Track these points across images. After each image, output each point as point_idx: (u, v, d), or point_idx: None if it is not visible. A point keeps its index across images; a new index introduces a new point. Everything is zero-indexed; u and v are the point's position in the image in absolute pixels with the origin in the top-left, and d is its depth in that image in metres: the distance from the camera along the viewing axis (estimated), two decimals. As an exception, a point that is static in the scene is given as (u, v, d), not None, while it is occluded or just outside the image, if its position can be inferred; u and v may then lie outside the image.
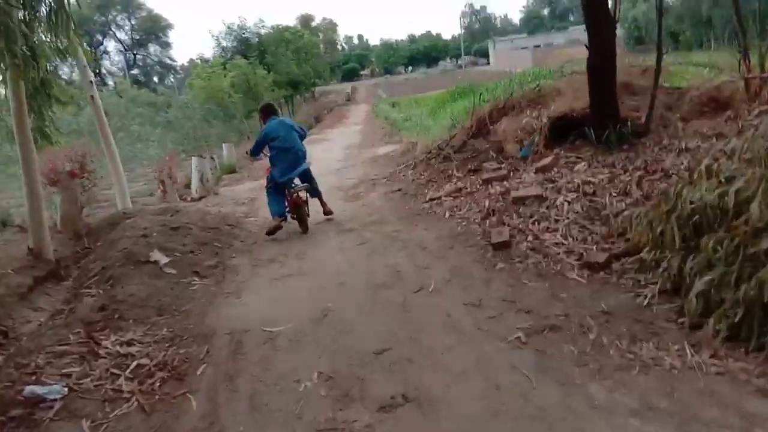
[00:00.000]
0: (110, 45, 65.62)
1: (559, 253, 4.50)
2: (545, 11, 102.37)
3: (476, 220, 5.74)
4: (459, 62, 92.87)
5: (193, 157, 12.81)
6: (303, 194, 6.67)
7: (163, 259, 5.44)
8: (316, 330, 3.94)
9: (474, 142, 8.37)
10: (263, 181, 12.77)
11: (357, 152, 15.31)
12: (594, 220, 4.86)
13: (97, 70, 62.63)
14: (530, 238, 4.89)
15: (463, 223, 5.79)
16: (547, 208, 5.36)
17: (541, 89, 8.46)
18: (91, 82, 9.16)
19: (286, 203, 6.65)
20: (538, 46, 64.68)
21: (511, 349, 3.30)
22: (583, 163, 6.30)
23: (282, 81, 33.06)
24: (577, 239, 4.65)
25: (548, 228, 4.97)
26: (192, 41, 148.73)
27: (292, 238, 6.60)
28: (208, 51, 55.51)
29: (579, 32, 69.93)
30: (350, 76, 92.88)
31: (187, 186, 13.08)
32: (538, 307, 3.74)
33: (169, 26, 65.92)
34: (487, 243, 5.03)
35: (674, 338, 3.13)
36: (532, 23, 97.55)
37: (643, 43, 47.03)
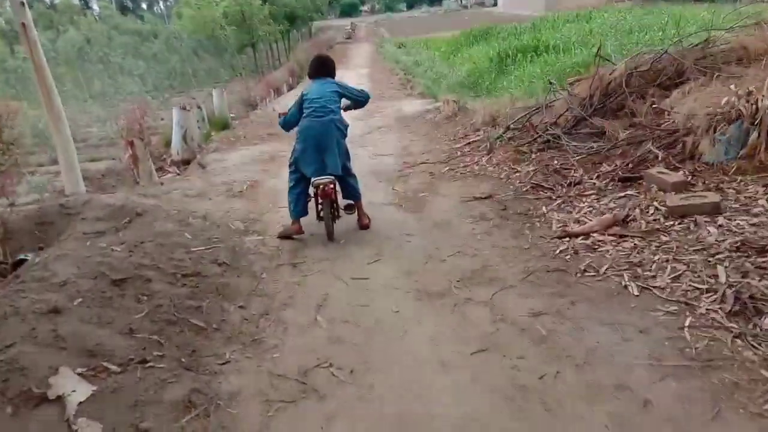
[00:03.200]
0: (97, -34, 60.89)
1: None
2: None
3: (716, 317, 2.85)
4: (464, 2, 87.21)
5: (174, 109, 9.73)
6: (330, 186, 4.63)
7: (77, 394, 2.53)
8: None
9: (602, 123, 5.36)
10: (264, 146, 9.78)
11: (376, 107, 12.14)
12: None
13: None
14: None
15: (688, 319, 2.88)
16: None
17: (711, 46, 5.36)
18: (22, 3, 6.11)
19: (314, 195, 4.80)
20: (552, -11, 60.10)
21: None
22: None
23: (278, 14, 29.29)
24: None
25: None
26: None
27: (330, 302, 3.71)
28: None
29: (598, -23, 65.23)
30: (349, 12, 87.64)
31: (167, 145, 10.08)
32: None
33: (161, -52, 60.64)
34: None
35: None
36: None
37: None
